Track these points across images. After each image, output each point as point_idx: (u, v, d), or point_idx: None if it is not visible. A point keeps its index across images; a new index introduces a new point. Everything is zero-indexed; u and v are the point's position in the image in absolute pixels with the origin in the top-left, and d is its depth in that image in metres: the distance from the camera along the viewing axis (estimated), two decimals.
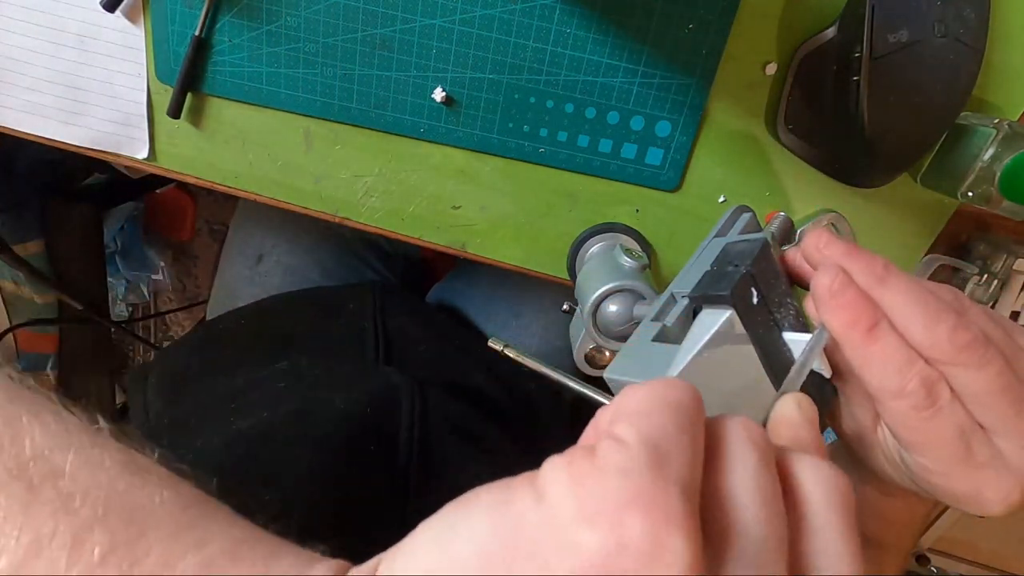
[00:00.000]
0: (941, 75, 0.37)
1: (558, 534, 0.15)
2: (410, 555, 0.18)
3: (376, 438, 0.42)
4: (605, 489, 0.16)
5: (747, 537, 0.17)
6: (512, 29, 0.41)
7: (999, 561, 0.87)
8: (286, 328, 0.56)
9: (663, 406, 0.18)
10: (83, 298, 0.99)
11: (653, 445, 0.17)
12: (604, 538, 0.15)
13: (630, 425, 0.17)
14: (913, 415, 0.25)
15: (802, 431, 0.22)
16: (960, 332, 0.24)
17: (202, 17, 0.42)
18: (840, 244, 0.27)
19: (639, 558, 0.15)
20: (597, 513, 0.15)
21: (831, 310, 0.26)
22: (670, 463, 0.16)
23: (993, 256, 0.47)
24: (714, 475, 0.18)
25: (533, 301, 0.64)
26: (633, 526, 0.15)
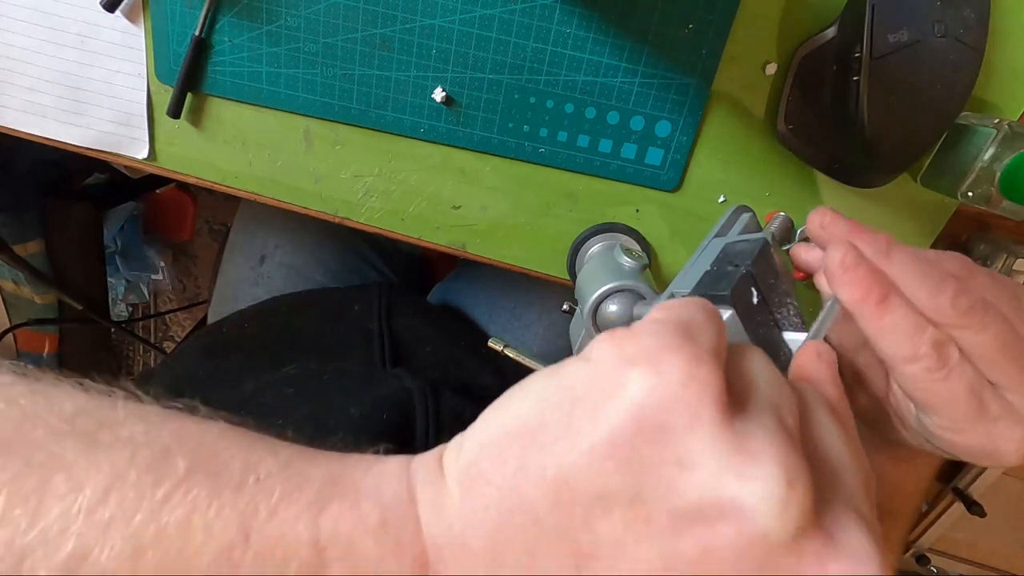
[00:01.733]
0: (941, 75, 0.37)
1: (603, 378, 0.18)
2: (473, 429, 0.21)
3: (393, 444, 0.42)
4: (642, 343, 0.19)
5: (766, 394, 0.20)
6: (512, 29, 0.41)
7: (999, 561, 0.87)
8: (291, 330, 0.56)
9: (694, 303, 0.21)
10: (83, 298, 0.99)
11: (684, 322, 0.20)
12: (643, 374, 0.18)
13: (664, 311, 0.21)
14: (927, 377, 0.26)
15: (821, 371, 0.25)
16: (961, 298, 0.25)
17: (202, 17, 0.42)
18: (843, 221, 0.29)
19: (675, 385, 0.17)
20: (636, 357, 0.18)
21: (845, 284, 0.27)
22: (698, 334, 0.19)
23: (993, 256, 0.47)
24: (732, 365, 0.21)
25: (534, 301, 0.64)
26: (668, 362, 0.18)
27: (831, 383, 0.24)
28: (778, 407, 0.19)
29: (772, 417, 0.19)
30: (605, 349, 0.19)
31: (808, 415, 0.21)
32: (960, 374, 0.26)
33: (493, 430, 0.20)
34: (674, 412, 0.17)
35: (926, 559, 0.85)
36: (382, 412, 0.43)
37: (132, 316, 1.50)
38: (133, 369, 1.63)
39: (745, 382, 0.20)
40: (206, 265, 1.48)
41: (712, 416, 0.17)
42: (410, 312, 0.60)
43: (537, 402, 0.19)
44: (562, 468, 0.18)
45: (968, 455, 0.28)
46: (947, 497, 0.80)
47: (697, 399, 0.17)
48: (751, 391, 0.20)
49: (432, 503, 0.20)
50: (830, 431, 0.21)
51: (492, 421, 0.20)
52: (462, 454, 0.20)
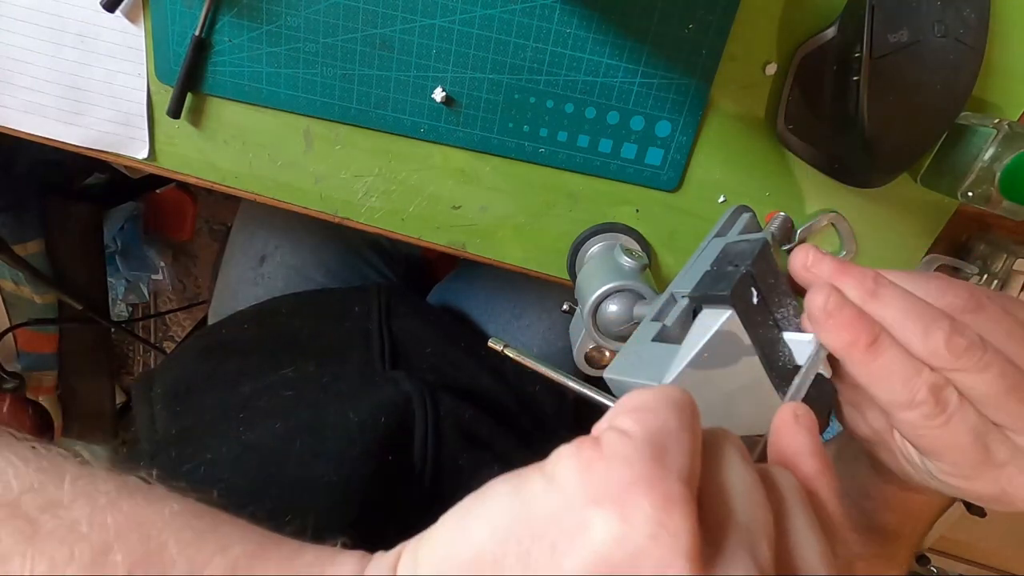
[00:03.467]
0: (941, 75, 0.37)
1: (567, 515, 0.17)
2: (431, 541, 0.19)
3: (392, 449, 0.42)
4: (610, 474, 0.17)
5: (739, 522, 0.18)
6: (512, 29, 0.41)
7: (999, 561, 0.87)
8: (290, 332, 0.56)
9: (665, 404, 0.19)
10: (83, 298, 0.99)
11: (655, 438, 0.18)
12: (609, 518, 0.16)
13: (634, 419, 0.19)
14: (926, 423, 0.25)
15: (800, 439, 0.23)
16: (955, 339, 0.24)
17: (202, 17, 0.42)
18: (827, 261, 0.27)
19: (643, 537, 0.16)
20: (603, 495, 0.17)
21: (829, 331, 0.26)
22: (671, 454, 0.18)
23: (993, 256, 0.47)
24: (706, 474, 0.19)
25: (534, 302, 0.64)
26: (637, 506, 0.16)
27: (811, 455, 0.22)
28: (754, 534, 0.18)
29: (747, 559, 0.17)
30: (570, 474, 0.17)
31: (784, 523, 0.20)
32: (961, 419, 0.25)
33: (448, 553, 0.18)
34: (641, 566, 0.16)
35: (926, 559, 0.85)
36: (380, 417, 0.43)
37: (132, 316, 1.50)
38: (133, 369, 1.63)
39: (720, 498, 0.19)
40: (206, 265, 1.48)
41: (682, 573, 0.16)
42: (409, 313, 0.60)
43: (495, 531, 0.18)
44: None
45: (977, 500, 0.27)
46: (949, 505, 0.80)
47: (666, 554, 0.16)
48: (726, 513, 0.18)
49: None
50: (807, 543, 0.20)
51: (449, 540, 0.19)
52: (418, 567, 0.19)
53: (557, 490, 0.17)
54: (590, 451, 0.18)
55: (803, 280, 0.28)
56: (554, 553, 0.16)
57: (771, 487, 0.21)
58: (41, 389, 1.06)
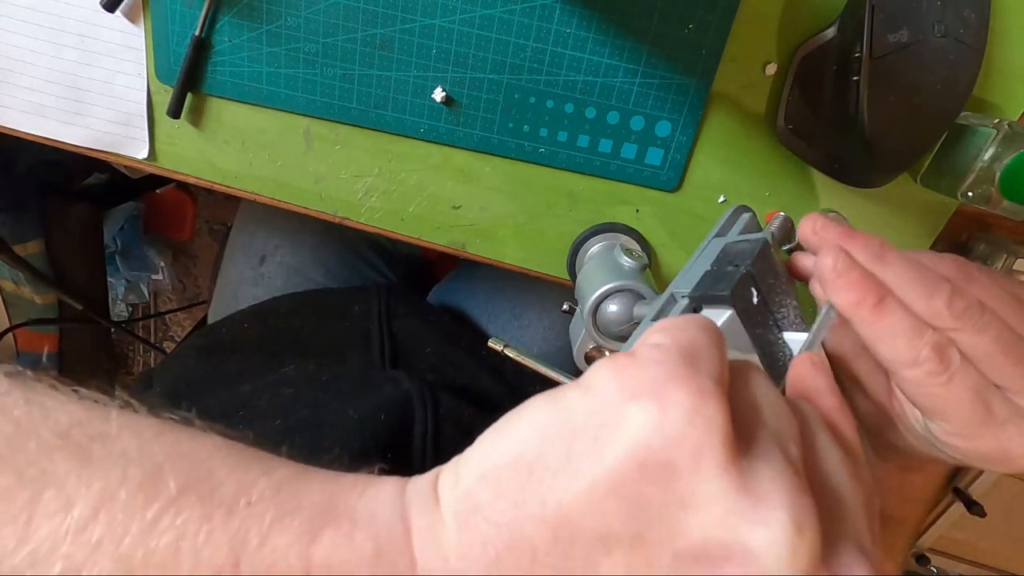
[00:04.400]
0: (941, 75, 0.37)
1: (606, 411, 0.18)
2: (470, 454, 0.20)
3: (391, 446, 0.42)
4: (645, 373, 0.18)
5: (768, 426, 0.19)
6: (512, 29, 0.41)
7: (999, 561, 0.87)
8: (291, 331, 0.56)
9: (695, 324, 0.21)
10: (83, 298, 0.99)
11: (687, 348, 0.19)
12: (647, 409, 0.17)
13: (665, 334, 0.20)
14: (929, 381, 0.26)
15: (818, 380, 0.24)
16: (956, 300, 0.25)
17: (202, 17, 0.42)
18: (835, 226, 0.29)
19: (680, 423, 0.17)
20: (639, 391, 0.18)
21: (838, 289, 0.26)
22: (702, 360, 0.19)
23: (993, 256, 0.47)
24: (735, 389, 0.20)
25: (534, 302, 0.64)
26: (672, 398, 0.17)
27: (829, 392, 0.24)
28: (783, 439, 0.19)
29: (778, 453, 0.18)
30: (606, 378, 0.18)
31: (810, 440, 0.21)
32: (963, 377, 0.25)
33: (490, 460, 0.19)
34: (678, 451, 0.17)
35: (926, 559, 0.85)
36: (380, 415, 0.43)
37: (132, 316, 1.50)
38: (133, 369, 1.62)
39: (749, 411, 0.20)
40: (206, 265, 1.48)
41: (718, 456, 0.17)
42: (410, 313, 0.60)
43: (535, 433, 0.19)
44: (561, 505, 0.17)
45: (978, 461, 0.28)
46: (947, 497, 0.80)
47: (703, 438, 0.17)
48: (756, 421, 0.19)
49: (427, 534, 0.19)
50: (832, 457, 0.20)
51: (489, 449, 0.19)
52: (459, 483, 0.19)
53: (595, 394, 0.18)
54: (624, 359, 0.19)
55: (811, 244, 0.30)
56: (595, 445, 0.17)
57: (795, 411, 0.21)
58: None
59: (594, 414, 0.18)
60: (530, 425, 0.19)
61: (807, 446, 0.20)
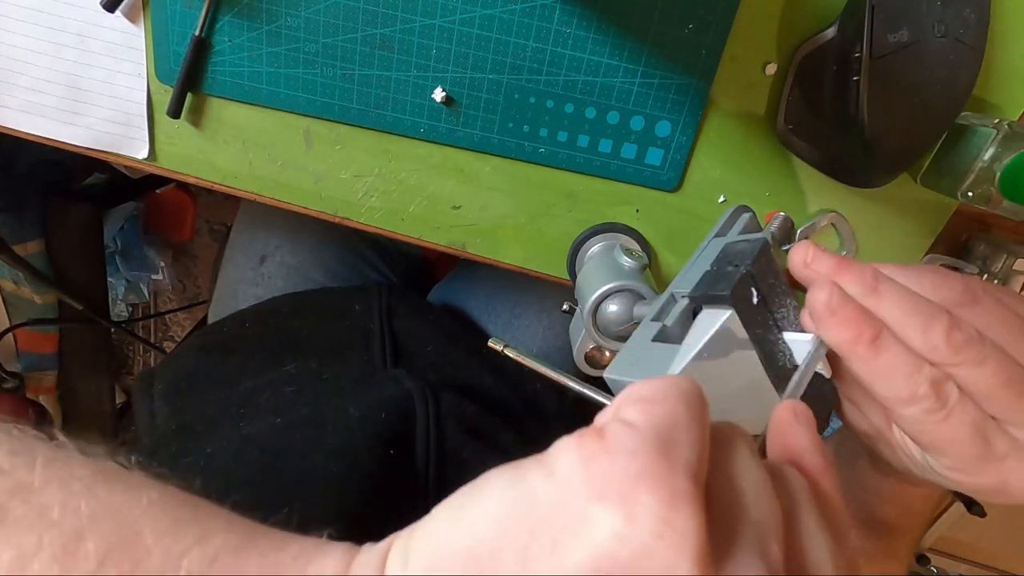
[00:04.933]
0: (941, 75, 0.37)
1: (568, 510, 0.16)
2: (422, 533, 0.18)
3: (393, 444, 0.42)
4: (614, 468, 0.16)
5: (749, 520, 0.18)
6: (512, 29, 0.41)
7: (999, 561, 0.87)
8: (291, 330, 0.56)
9: (674, 394, 0.18)
10: (83, 298, 0.99)
11: (662, 430, 0.17)
12: (613, 515, 0.15)
13: (640, 410, 0.18)
14: (927, 419, 0.25)
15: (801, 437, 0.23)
16: (954, 333, 0.24)
17: (202, 17, 0.42)
18: (827, 258, 0.27)
19: (648, 536, 0.15)
20: (607, 490, 0.16)
21: (831, 327, 0.26)
22: (679, 447, 0.17)
23: (993, 256, 0.47)
24: (715, 468, 0.19)
25: (534, 302, 0.64)
26: (642, 503, 0.15)
27: (814, 452, 0.22)
28: (764, 536, 0.18)
29: (757, 558, 0.17)
30: (572, 467, 0.16)
31: (795, 522, 0.19)
32: (961, 413, 0.25)
33: (441, 546, 0.18)
34: (646, 566, 0.15)
35: (926, 559, 0.85)
36: (381, 413, 0.43)
37: (132, 316, 1.50)
38: (133, 369, 1.63)
39: (730, 499, 0.18)
40: (206, 265, 1.48)
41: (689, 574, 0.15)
42: (410, 312, 0.60)
43: (492, 522, 0.17)
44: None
45: (978, 494, 0.27)
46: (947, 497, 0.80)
47: (673, 554, 0.15)
48: (736, 514, 0.18)
49: None
50: (817, 542, 0.19)
51: (443, 532, 0.18)
52: (408, 565, 0.18)
53: (558, 484, 0.17)
54: (593, 443, 0.17)
55: (803, 277, 0.28)
56: (555, 550, 0.16)
57: (780, 485, 0.20)
58: (41, 389, 1.06)
59: (556, 509, 0.16)
60: (487, 512, 0.17)
61: (791, 531, 0.19)
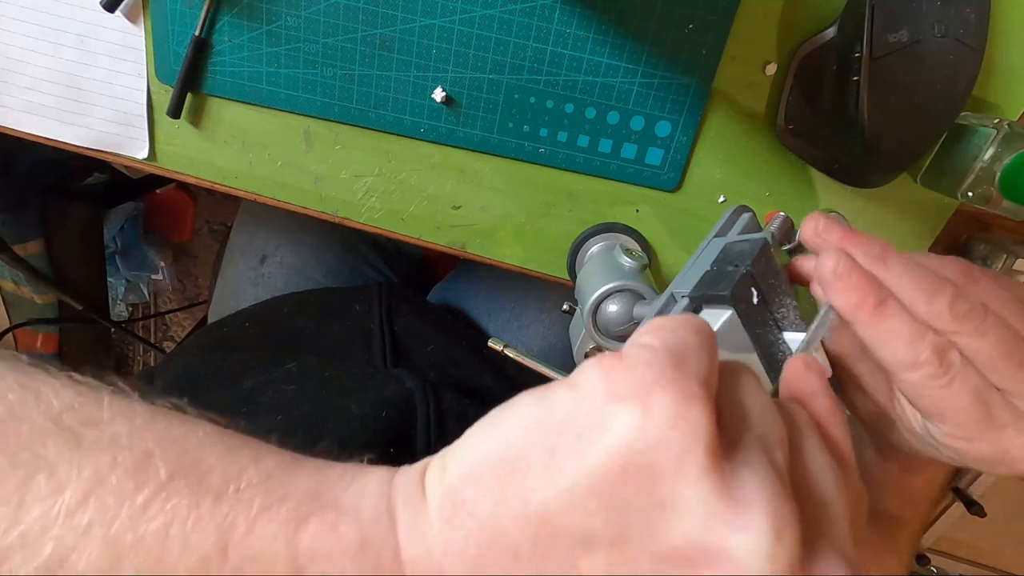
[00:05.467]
0: (941, 75, 0.37)
1: (590, 411, 0.18)
2: (458, 447, 0.20)
3: (394, 442, 0.42)
4: (631, 375, 0.18)
5: (754, 431, 0.19)
6: (512, 29, 0.41)
7: (999, 561, 0.87)
8: (292, 330, 0.56)
9: (687, 326, 0.20)
10: (83, 298, 0.99)
11: (676, 350, 0.19)
12: (631, 411, 0.17)
13: (655, 336, 0.20)
14: (930, 383, 0.26)
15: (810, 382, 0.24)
16: (958, 303, 0.25)
17: (202, 17, 0.42)
18: (837, 228, 0.29)
19: (663, 426, 0.17)
20: (625, 392, 0.18)
21: (839, 292, 0.26)
22: (690, 364, 0.19)
23: (993, 256, 0.47)
24: (723, 392, 0.20)
25: (534, 302, 0.64)
26: (657, 400, 0.17)
27: (822, 395, 0.24)
28: (769, 443, 0.19)
29: (762, 458, 0.18)
30: (592, 378, 0.18)
31: (798, 445, 0.21)
32: (964, 380, 0.25)
33: (476, 455, 0.19)
34: (661, 454, 0.17)
35: (926, 559, 0.85)
36: (382, 411, 0.43)
37: (132, 316, 1.50)
38: (133, 369, 1.63)
39: (736, 413, 0.20)
40: (206, 265, 1.48)
41: (700, 460, 0.17)
42: (410, 312, 0.60)
43: (521, 430, 0.19)
44: (543, 505, 0.17)
45: (977, 463, 0.28)
46: (947, 497, 0.80)
47: (686, 442, 0.17)
48: (742, 425, 0.19)
49: (412, 527, 0.19)
50: (819, 462, 0.20)
51: (476, 444, 0.20)
52: (444, 476, 0.20)
53: (581, 394, 0.18)
54: (612, 361, 0.19)
55: (813, 245, 0.29)
56: (578, 444, 0.17)
57: (786, 415, 0.21)
58: None
59: (579, 413, 0.18)
60: (516, 422, 0.19)
61: (794, 451, 0.20)
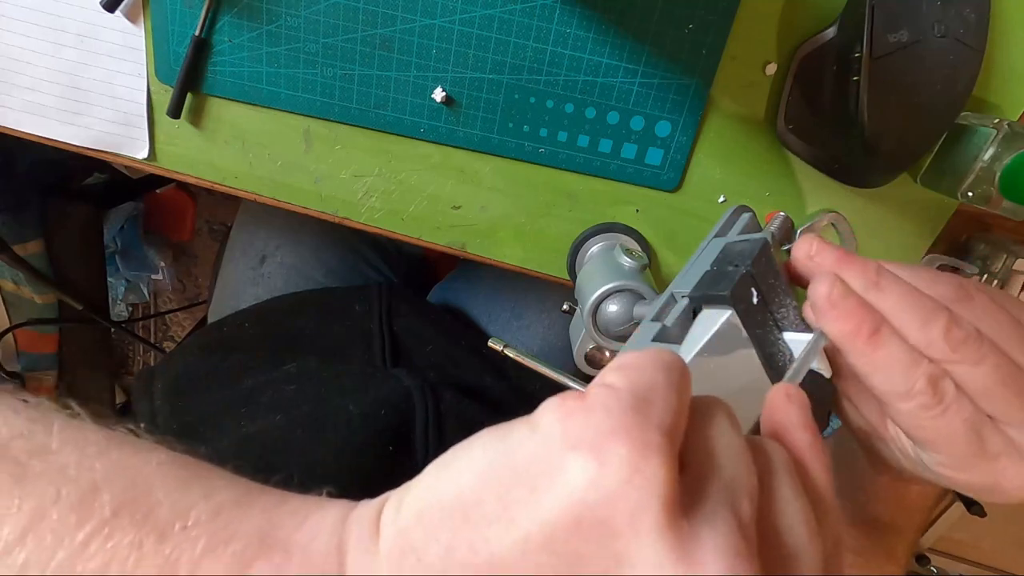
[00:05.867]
0: (941, 75, 0.37)
1: (546, 459, 0.17)
2: (415, 487, 0.20)
3: (393, 441, 0.42)
4: (590, 421, 0.17)
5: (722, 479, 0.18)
6: (512, 29, 0.41)
7: (999, 561, 0.87)
8: (292, 330, 0.56)
9: (655, 364, 0.20)
10: (83, 298, 0.99)
11: (640, 392, 0.18)
12: (586, 461, 0.16)
13: (621, 375, 0.19)
14: (923, 414, 0.25)
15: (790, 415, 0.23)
16: (954, 330, 0.24)
17: (202, 17, 0.42)
18: (830, 251, 0.28)
19: (618, 480, 0.16)
20: (580, 441, 0.17)
21: (832, 320, 0.26)
22: (654, 408, 0.18)
23: (993, 256, 0.47)
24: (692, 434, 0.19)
25: (534, 302, 0.64)
26: (613, 451, 0.16)
27: (801, 428, 0.22)
28: (735, 491, 0.18)
29: (726, 513, 0.17)
30: (551, 420, 0.18)
31: (770, 490, 0.20)
32: (957, 410, 0.25)
33: (429, 497, 0.19)
34: (615, 508, 0.16)
35: (926, 559, 0.85)
36: (381, 410, 0.43)
37: (132, 316, 1.50)
38: (133, 369, 1.62)
39: (704, 456, 0.19)
40: (206, 265, 1.48)
41: (656, 517, 0.16)
42: (410, 312, 0.60)
43: (476, 474, 0.18)
44: (493, 556, 0.17)
45: (969, 491, 0.27)
46: (947, 497, 0.80)
47: (641, 497, 0.16)
48: (709, 470, 0.18)
49: (361, 567, 0.19)
50: (792, 511, 0.19)
51: (431, 485, 0.19)
52: (399, 516, 0.19)
53: (539, 437, 0.18)
54: (573, 402, 0.18)
55: (806, 269, 0.29)
56: (532, 494, 0.17)
57: (759, 455, 0.21)
58: (41, 389, 1.06)
59: (536, 458, 0.17)
60: (473, 464, 0.18)
61: (766, 497, 0.19)
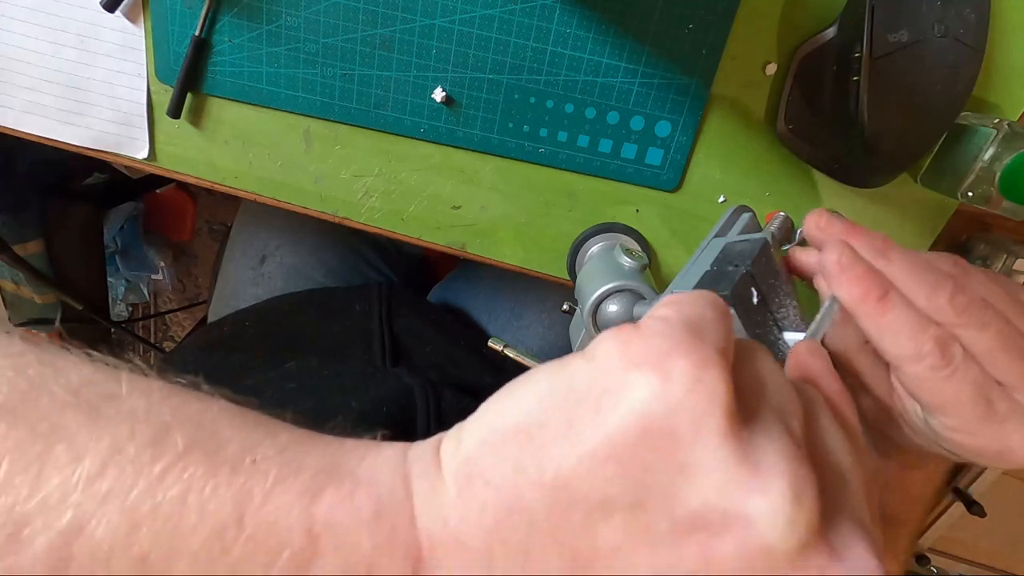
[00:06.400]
0: (941, 75, 0.37)
1: (608, 380, 0.18)
2: (473, 420, 0.20)
3: (394, 438, 0.42)
4: (649, 345, 0.18)
5: (772, 402, 0.19)
6: (512, 29, 0.41)
7: (999, 561, 0.87)
8: (292, 330, 0.56)
9: (703, 300, 0.21)
10: (83, 298, 0.99)
11: (692, 321, 0.19)
12: (649, 378, 0.17)
13: (672, 308, 0.20)
14: (931, 376, 0.26)
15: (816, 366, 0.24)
16: (959, 296, 0.25)
17: (202, 17, 0.42)
18: (840, 222, 0.29)
19: (681, 391, 0.17)
20: (642, 360, 0.18)
21: (843, 284, 0.27)
22: (706, 333, 0.19)
23: (993, 256, 0.47)
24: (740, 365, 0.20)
25: (534, 302, 0.64)
26: (675, 366, 0.17)
27: (830, 377, 0.24)
28: (785, 413, 0.19)
29: (780, 425, 0.18)
30: (610, 348, 0.18)
31: (812, 419, 0.21)
32: (965, 373, 0.26)
33: (492, 425, 0.19)
34: (680, 419, 0.17)
35: (926, 559, 0.85)
36: (383, 407, 0.43)
37: (132, 316, 1.50)
38: None
39: (753, 385, 0.20)
40: (206, 265, 1.48)
41: (719, 424, 0.17)
42: (410, 312, 0.60)
43: (538, 399, 0.19)
44: (561, 471, 0.17)
45: (978, 457, 0.28)
46: (947, 497, 0.80)
47: (704, 406, 0.17)
48: (759, 395, 0.19)
49: (428, 497, 0.19)
50: (834, 436, 0.21)
51: (492, 415, 0.20)
52: (460, 447, 0.20)
53: (597, 364, 0.18)
54: (629, 330, 0.19)
55: (816, 240, 0.30)
56: (596, 411, 0.17)
57: (798, 390, 0.21)
58: None
59: (597, 382, 0.18)
60: (533, 392, 0.19)
61: (809, 424, 0.20)
